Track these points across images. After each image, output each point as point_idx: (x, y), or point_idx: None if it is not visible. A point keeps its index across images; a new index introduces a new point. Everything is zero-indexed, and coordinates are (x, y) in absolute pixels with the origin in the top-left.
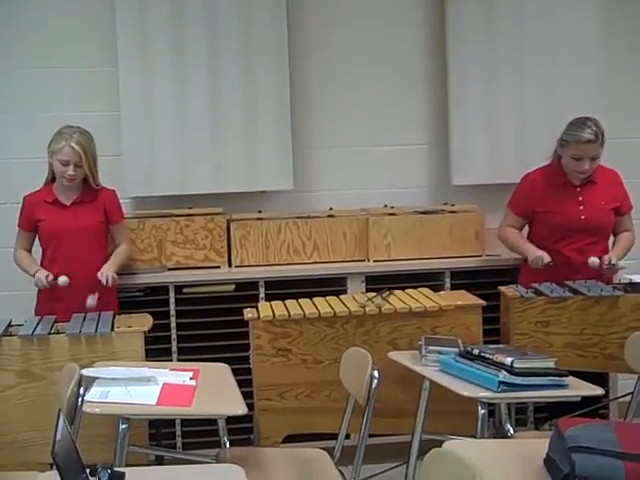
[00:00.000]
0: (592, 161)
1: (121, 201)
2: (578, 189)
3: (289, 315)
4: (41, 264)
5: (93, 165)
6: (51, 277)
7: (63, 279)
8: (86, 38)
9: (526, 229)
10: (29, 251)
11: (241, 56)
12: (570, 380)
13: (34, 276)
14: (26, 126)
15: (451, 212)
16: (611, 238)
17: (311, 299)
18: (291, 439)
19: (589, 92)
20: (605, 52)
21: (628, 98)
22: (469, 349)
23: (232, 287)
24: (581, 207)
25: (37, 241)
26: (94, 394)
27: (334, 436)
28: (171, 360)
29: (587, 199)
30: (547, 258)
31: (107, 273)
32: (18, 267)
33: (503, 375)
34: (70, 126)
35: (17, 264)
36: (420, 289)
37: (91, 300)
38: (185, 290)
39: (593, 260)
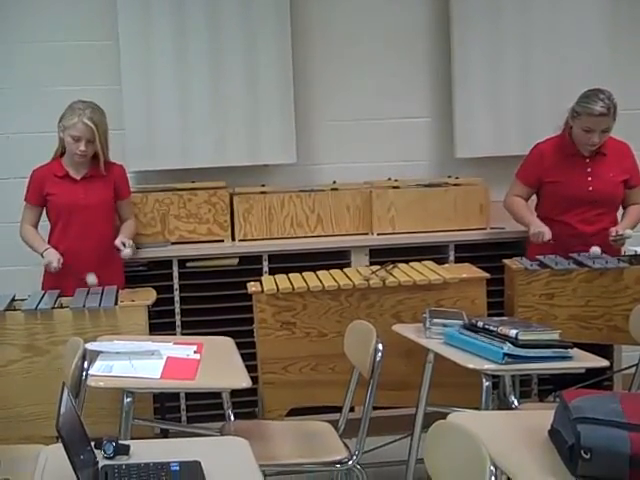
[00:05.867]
0: (602, 134)
1: None
2: (587, 160)
3: (293, 288)
4: (49, 239)
5: (104, 142)
6: (62, 260)
7: (92, 279)
8: (86, 11)
9: (535, 201)
10: (35, 226)
11: (243, 29)
12: (574, 352)
13: (42, 255)
14: (27, 101)
15: (455, 185)
16: (621, 210)
17: (315, 272)
18: (295, 412)
19: (594, 63)
20: (611, 23)
21: (635, 69)
22: (473, 321)
23: (235, 261)
24: (589, 178)
25: (44, 216)
26: (98, 368)
27: (338, 409)
28: (175, 334)
29: (596, 171)
30: (548, 235)
31: (127, 240)
32: (24, 242)
33: (507, 347)
34: (83, 101)
35: (23, 239)
36: (424, 262)
37: (91, 278)
38: (188, 264)
39: (594, 250)
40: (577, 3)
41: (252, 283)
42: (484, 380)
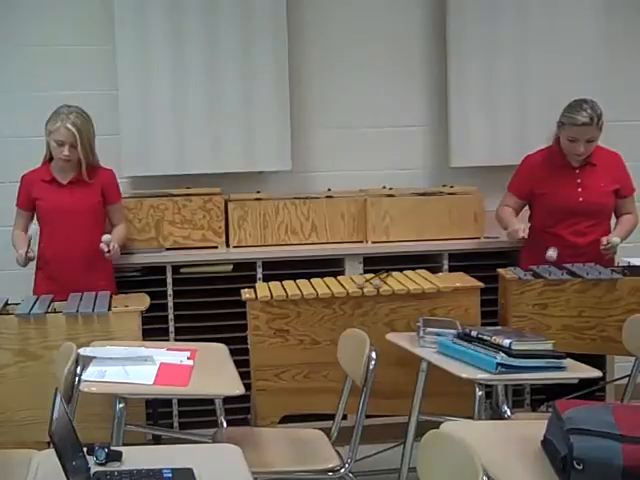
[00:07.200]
0: (587, 144)
1: (119, 181)
2: (577, 171)
3: (287, 296)
4: (39, 243)
5: (88, 147)
6: (29, 256)
7: (107, 237)
8: (83, 15)
9: (527, 212)
10: (26, 231)
11: (240, 36)
12: (568, 362)
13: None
14: (24, 104)
15: (450, 194)
16: (613, 220)
17: (309, 280)
18: (288, 419)
19: (590, 74)
20: (606, 33)
21: (630, 80)
22: (467, 331)
23: (230, 267)
24: (579, 189)
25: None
26: (91, 373)
27: (331, 416)
28: (168, 340)
29: (585, 181)
30: (522, 232)
31: (112, 243)
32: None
33: (501, 357)
34: (68, 106)
35: (12, 244)
36: (418, 271)
37: (107, 237)
38: (182, 270)
39: (550, 254)
40: (573, 13)
41: (246, 290)
42: (477, 390)
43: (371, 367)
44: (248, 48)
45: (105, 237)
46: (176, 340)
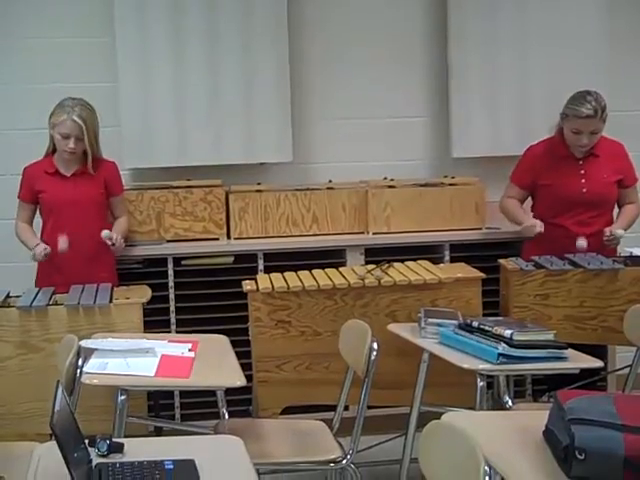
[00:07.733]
0: (591, 135)
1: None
2: (580, 162)
3: (288, 287)
4: (42, 235)
5: (94, 139)
6: (48, 250)
7: (63, 240)
8: (83, 7)
9: (530, 202)
10: (30, 223)
11: (240, 26)
12: (569, 352)
13: (32, 250)
14: (25, 97)
15: (451, 185)
16: (616, 210)
17: (310, 271)
18: (290, 410)
19: (591, 64)
20: (608, 24)
21: (632, 70)
22: (468, 321)
23: (231, 259)
24: (583, 180)
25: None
26: (93, 365)
27: (333, 407)
28: (170, 332)
29: (589, 172)
30: (540, 228)
31: (115, 235)
32: (19, 240)
33: (502, 347)
34: (73, 98)
35: (18, 237)
36: (419, 262)
37: (62, 243)
38: (184, 262)
39: (580, 243)
40: (574, 7)
41: (247, 281)
42: (479, 380)
43: (372, 358)
44: (249, 39)
45: (104, 233)
46: (177, 332)
